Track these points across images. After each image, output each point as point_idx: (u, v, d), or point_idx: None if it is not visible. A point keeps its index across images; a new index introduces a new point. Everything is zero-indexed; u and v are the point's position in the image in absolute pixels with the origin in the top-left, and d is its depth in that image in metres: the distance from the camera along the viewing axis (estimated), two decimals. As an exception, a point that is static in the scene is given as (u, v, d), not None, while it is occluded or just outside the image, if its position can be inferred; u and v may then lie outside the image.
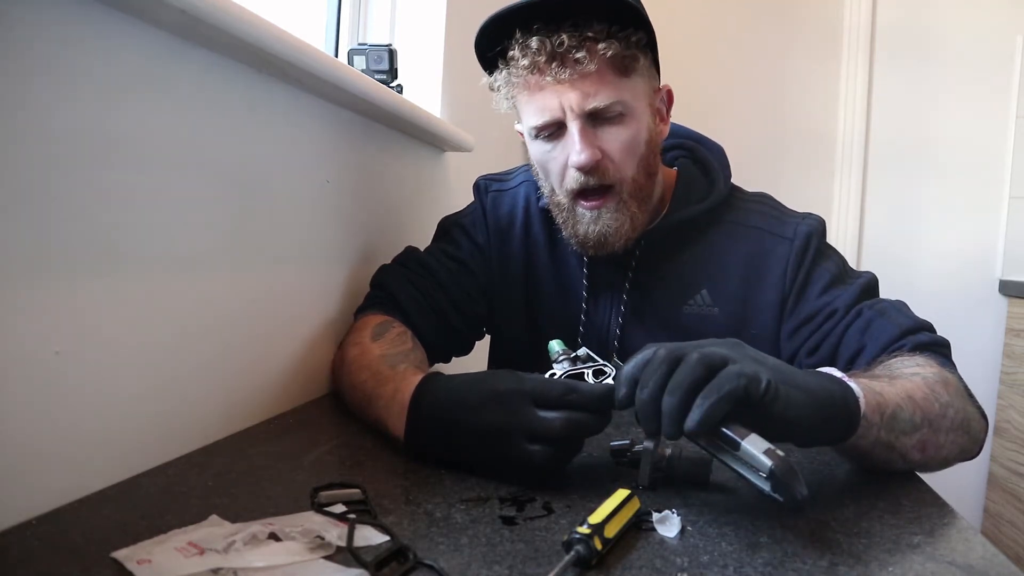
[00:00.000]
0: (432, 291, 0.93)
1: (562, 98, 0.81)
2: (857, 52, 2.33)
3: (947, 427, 0.68)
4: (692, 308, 0.92)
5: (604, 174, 0.83)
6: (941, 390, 0.69)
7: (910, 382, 0.68)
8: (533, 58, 0.79)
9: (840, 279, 0.88)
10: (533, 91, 0.82)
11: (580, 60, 0.78)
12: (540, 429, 0.58)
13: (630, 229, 0.86)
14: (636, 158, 0.85)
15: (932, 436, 0.67)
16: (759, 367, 0.53)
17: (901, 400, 0.64)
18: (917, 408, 0.65)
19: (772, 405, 0.52)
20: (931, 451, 0.68)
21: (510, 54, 0.82)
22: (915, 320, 0.82)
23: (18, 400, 0.48)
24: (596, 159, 0.82)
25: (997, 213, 2.26)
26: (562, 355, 0.67)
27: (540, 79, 0.81)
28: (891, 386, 0.66)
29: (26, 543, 0.45)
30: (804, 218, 0.92)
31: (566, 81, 0.79)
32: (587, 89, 0.80)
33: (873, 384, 0.64)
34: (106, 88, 0.54)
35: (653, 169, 0.88)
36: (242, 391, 0.74)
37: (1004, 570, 0.48)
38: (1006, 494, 2.07)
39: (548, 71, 0.79)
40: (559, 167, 0.85)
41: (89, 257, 0.53)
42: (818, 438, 0.59)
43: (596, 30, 0.78)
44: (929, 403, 0.67)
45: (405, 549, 0.46)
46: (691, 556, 0.49)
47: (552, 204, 0.90)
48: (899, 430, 0.64)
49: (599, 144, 0.82)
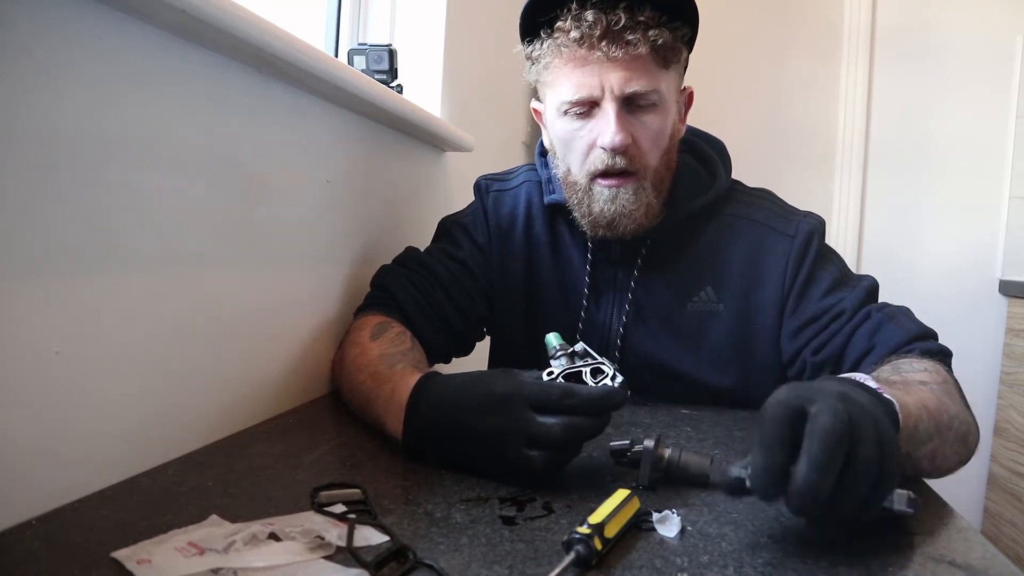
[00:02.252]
0: (432, 292, 0.93)
1: (603, 77, 0.81)
2: (857, 52, 2.33)
3: (952, 438, 0.68)
4: (697, 305, 0.92)
5: (631, 159, 0.84)
6: (948, 401, 0.69)
7: (924, 391, 0.68)
8: (586, 31, 0.79)
9: (843, 282, 0.89)
10: (575, 65, 0.82)
11: (632, 42, 0.79)
12: (539, 434, 0.58)
13: (643, 216, 0.87)
14: (661, 149, 0.86)
15: (941, 447, 0.66)
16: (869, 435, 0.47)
17: (920, 411, 0.63)
18: (931, 419, 0.64)
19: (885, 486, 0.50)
20: (939, 461, 0.67)
21: (559, 24, 0.81)
22: (922, 327, 0.83)
23: (18, 400, 0.48)
24: (628, 143, 0.82)
25: (997, 213, 2.26)
26: (559, 350, 0.67)
27: (588, 54, 0.81)
28: (909, 395, 0.64)
29: (26, 543, 0.45)
30: (805, 216, 0.93)
31: (616, 60, 0.80)
32: (630, 72, 0.80)
33: (898, 395, 0.62)
34: (106, 88, 0.54)
35: (672, 164, 0.90)
36: (242, 391, 0.74)
37: (1004, 570, 0.48)
38: (1006, 494, 2.07)
39: (598, 47, 0.79)
40: (585, 145, 0.85)
41: (89, 257, 0.53)
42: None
43: (648, 15, 0.79)
44: (940, 414, 0.66)
45: (405, 549, 0.46)
46: (691, 556, 0.49)
47: (566, 184, 0.90)
48: (917, 441, 0.63)
49: (630, 128, 0.83)
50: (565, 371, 0.64)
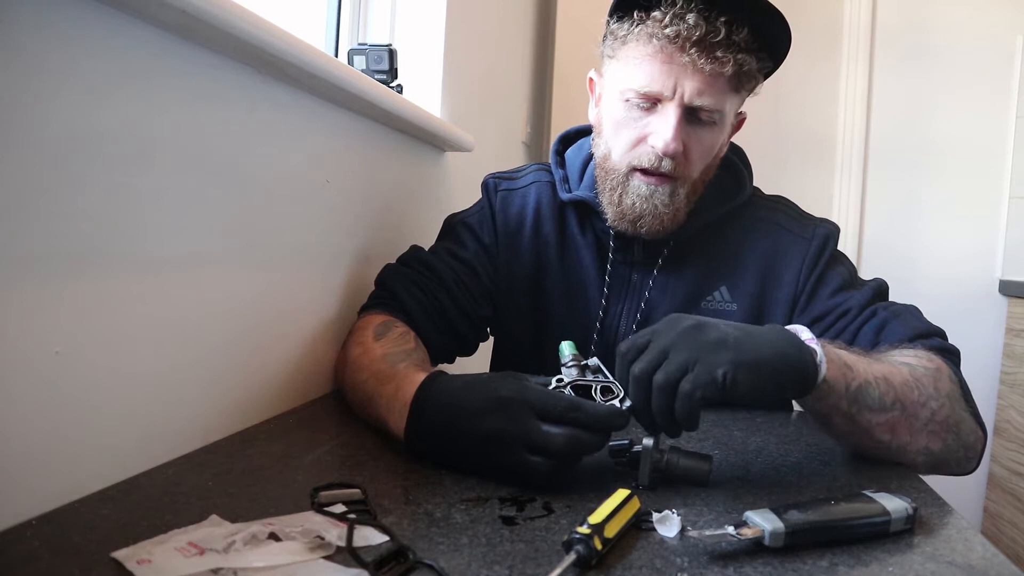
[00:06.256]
0: (436, 292, 0.93)
1: (679, 80, 0.80)
2: (857, 52, 2.33)
3: (926, 418, 0.69)
4: (710, 304, 0.93)
5: (676, 166, 0.84)
6: (928, 383, 0.70)
7: (892, 367, 0.70)
8: (682, 32, 0.78)
9: (852, 283, 0.90)
10: (658, 59, 0.81)
11: (721, 59, 0.79)
12: (541, 442, 0.58)
13: (669, 221, 0.87)
14: (705, 164, 0.87)
15: (904, 421, 0.68)
16: (716, 359, 0.59)
17: (873, 378, 0.67)
18: (891, 389, 0.67)
19: (730, 393, 0.59)
20: (903, 436, 0.69)
21: (656, 14, 0.79)
22: (928, 326, 0.83)
23: (18, 400, 0.48)
24: (680, 151, 0.82)
25: (997, 213, 2.26)
26: (572, 360, 0.66)
27: (675, 54, 0.79)
28: (868, 364, 0.68)
29: (26, 543, 0.45)
30: (822, 222, 0.95)
31: (699, 70, 0.79)
32: (705, 86, 0.80)
33: (847, 356, 0.67)
34: (106, 88, 0.54)
35: (708, 177, 0.90)
36: (242, 391, 0.74)
37: (1004, 570, 0.48)
38: (1006, 494, 2.07)
39: (688, 52, 0.78)
40: (635, 136, 0.85)
41: (89, 257, 0.53)
42: (768, 400, 0.64)
43: (744, 37, 0.79)
44: (908, 389, 0.69)
45: (405, 549, 0.46)
46: (691, 556, 0.49)
47: (601, 168, 0.90)
48: (865, 405, 0.66)
49: (685, 138, 0.83)
50: (575, 382, 0.64)
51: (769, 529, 0.49)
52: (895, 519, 0.53)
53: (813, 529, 0.50)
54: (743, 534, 0.49)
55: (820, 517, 0.51)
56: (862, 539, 0.52)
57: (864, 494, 0.55)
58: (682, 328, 0.62)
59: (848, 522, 0.52)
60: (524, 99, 2.13)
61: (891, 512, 0.53)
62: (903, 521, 0.53)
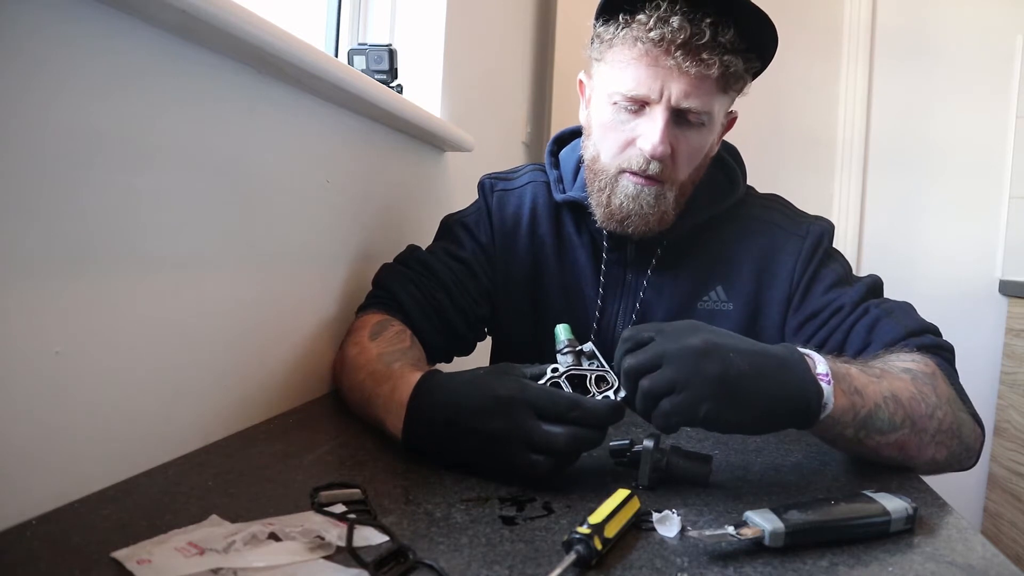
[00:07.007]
0: (434, 292, 0.93)
1: (666, 84, 0.80)
2: (857, 52, 2.33)
3: (934, 429, 0.69)
4: (706, 304, 0.93)
5: (664, 169, 0.84)
6: (930, 392, 0.70)
7: (898, 379, 0.69)
8: (667, 36, 0.77)
9: (845, 280, 0.90)
10: (644, 62, 0.80)
11: (706, 61, 0.78)
12: (542, 442, 0.58)
13: (656, 221, 0.87)
14: (693, 166, 0.87)
15: (913, 437, 0.68)
16: (704, 392, 0.58)
17: (883, 399, 0.66)
18: (900, 407, 0.67)
19: (710, 427, 0.61)
20: (912, 451, 0.69)
21: (641, 17, 0.79)
22: (921, 323, 0.83)
23: (18, 400, 0.48)
24: (668, 153, 0.82)
25: (997, 213, 2.26)
26: (567, 346, 0.66)
27: (660, 57, 0.79)
28: (877, 384, 0.67)
29: (26, 543, 0.45)
30: (816, 219, 0.95)
31: (685, 72, 0.79)
32: (692, 88, 0.80)
33: (857, 379, 0.66)
34: (106, 88, 0.54)
35: (697, 178, 0.90)
36: (242, 391, 0.74)
37: (1004, 570, 0.48)
38: (1006, 494, 2.07)
39: (673, 55, 0.78)
40: (624, 139, 0.85)
41: (88, 257, 0.53)
42: (764, 431, 0.66)
43: (730, 39, 0.78)
44: (916, 403, 0.68)
45: (405, 549, 0.46)
46: (691, 556, 0.49)
47: (590, 169, 0.90)
48: (874, 429, 0.66)
49: (672, 140, 0.83)
50: (570, 371, 0.64)
51: (769, 529, 0.49)
52: (895, 519, 0.53)
53: (813, 529, 0.50)
54: (743, 534, 0.49)
55: (820, 517, 0.51)
56: (862, 539, 0.52)
57: (864, 494, 0.55)
58: (686, 344, 0.60)
59: (848, 522, 0.52)
60: (524, 99, 2.13)
61: (891, 512, 0.53)
62: (903, 521, 0.53)
